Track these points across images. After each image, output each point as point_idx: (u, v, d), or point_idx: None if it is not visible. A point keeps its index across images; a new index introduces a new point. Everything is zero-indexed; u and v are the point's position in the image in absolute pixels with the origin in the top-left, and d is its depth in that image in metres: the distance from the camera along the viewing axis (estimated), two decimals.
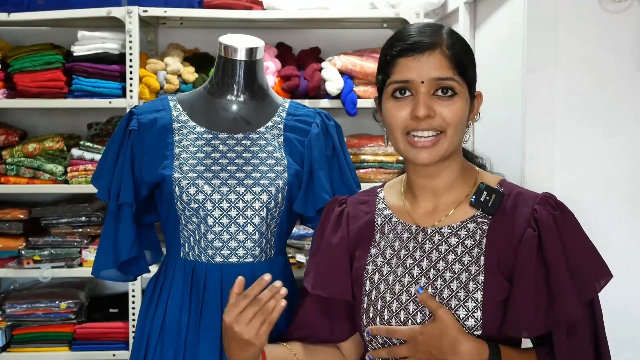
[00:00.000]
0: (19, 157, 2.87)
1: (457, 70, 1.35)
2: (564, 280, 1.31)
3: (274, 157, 1.74)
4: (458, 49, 1.36)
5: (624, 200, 1.90)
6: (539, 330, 1.32)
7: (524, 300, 1.31)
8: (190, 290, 1.71)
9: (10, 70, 2.84)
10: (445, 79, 1.34)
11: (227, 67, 1.78)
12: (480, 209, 1.40)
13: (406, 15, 2.83)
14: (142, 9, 2.79)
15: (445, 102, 1.34)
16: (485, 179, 1.44)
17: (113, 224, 1.75)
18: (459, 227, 1.40)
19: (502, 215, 1.39)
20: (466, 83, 1.37)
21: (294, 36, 3.16)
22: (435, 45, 1.34)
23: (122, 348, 2.90)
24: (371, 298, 1.41)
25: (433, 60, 1.34)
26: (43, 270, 2.86)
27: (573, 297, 1.31)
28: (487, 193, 1.39)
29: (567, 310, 1.30)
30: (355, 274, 1.46)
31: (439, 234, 1.41)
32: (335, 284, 1.46)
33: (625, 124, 1.88)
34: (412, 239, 1.43)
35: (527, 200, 1.39)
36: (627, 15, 1.85)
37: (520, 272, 1.33)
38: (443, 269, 1.37)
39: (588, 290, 1.34)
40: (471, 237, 1.38)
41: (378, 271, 1.43)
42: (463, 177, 1.44)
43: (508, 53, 2.08)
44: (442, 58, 1.34)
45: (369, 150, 2.92)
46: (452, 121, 1.34)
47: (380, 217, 1.49)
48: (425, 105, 1.33)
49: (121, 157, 1.75)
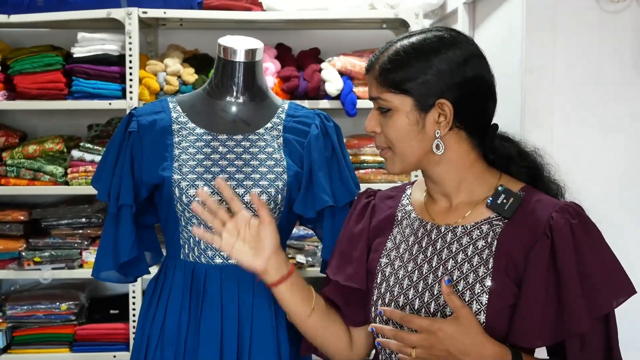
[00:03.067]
0: (19, 158, 2.87)
1: (387, 88, 1.37)
2: (574, 291, 1.27)
3: (274, 159, 1.74)
4: (396, 63, 1.37)
5: (623, 200, 1.90)
6: (546, 341, 1.29)
7: (531, 310, 1.28)
8: (190, 291, 1.71)
9: (10, 72, 2.85)
10: (375, 98, 1.41)
11: (226, 68, 1.79)
12: (496, 211, 1.37)
13: (405, 16, 2.83)
14: (141, 11, 2.79)
15: (384, 119, 1.40)
16: (507, 183, 1.41)
17: (113, 225, 1.75)
18: (472, 227, 1.39)
19: (518, 220, 1.35)
20: (408, 95, 1.36)
21: (293, 37, 3.17)
22: (372, 66, 1.41)
23: (123, 349, 2.90)
24: (381, 291, 1.43)
25: (370, 80, 1.42)
26: (43, 271, 2.86)
27: (582, 309, 1.27)
28: (505, 196, 1.37)
29: (575, 322, 1.27)
30: (369, 266, 1.48)
31: (452, 233, 1.40)
32: (351, 272, 1.49)
33: (624, 124, 1.88)
34: (425, 235, 1.43)
35: (546, 206, 1.35)
36: (625, 15, 1.86)
37: (530, 280, 1.30)
38: (452, 267, 1.36)
39: (602, 305, 1.29)
40: (483, 239, 1.36)
41: (390, 264, 1.44)
42: (482, 180, 1.42)
43: (507, 53, 2.08)
44: (372, 78, 1.41)
45: (369, 150, 2.92)
46: (391, 137, 1.39)
47: (401, 212, 1.51)
48: (370, 121, 1.42)
49: (121, 158, 1.75)
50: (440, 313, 1.35)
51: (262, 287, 1.70)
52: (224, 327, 1.69)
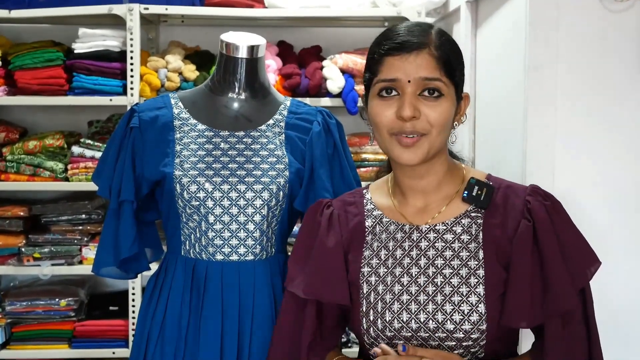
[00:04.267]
0: (19, 154, 2.87)
1: (445, 71, 1.34)
2: (560, 269, 1.33)
3: (275, 155, 1.74)
4: (446, 49, 1.36)
5: (626, 200, 1.90)
6: (537, 320, 1.33)
7: (521, 291, 1.32)
8: (190, 288, 1.71)
9: (11, 68, 2.85)
10: (432, 79, 1.33)
11: (228, 64, 1.78)
12: (473, 203, 1.40)
13: (407, 14, 2.83)
14: (143, 7, 2.79)
15: (431, 103, 1.34)
16: (474, 175, 1.44)
17: (114, 221, 1.75)
18: (453, 223, 1.40)
19: (494, 208, 1.39)
20: (453, 84, 1.36)
21: (295, 34, 3.16)
22: (423, 45, 1.34)
23: (122, 346, 2.90)
24: (370, 301, 1.40)
25: (421, 60, 1.33)
26: (43, 267, 2.86)
27: (568, 286, 1.32)
28: (479, 187, 1.40)
29: (563, 299, 1.32)
30: (350, 278, 1.44)
31: (433, 231, 1.40)
32: (333, 289, 1.43)
33: (627, 124, 1.88)
34: (406, 238, 1.42)
35: (517, 192, 1.40)
36: (629, 14, 1.85)
37: (517, 263, 1.34)
38: (442, 265, 1.37)
39: (580, 279, 1.35)
40: (467, 232, 1.39)
41: (374, 273, 1.42)
42: (451, 175, 1.44)
43: (509, 52, 2.07)
44: (430, 58, 1.33)
45: (370, 149, 2.92)
46: (436, 123, 1.34)
47: (370, 218, 1.48)
48: (411, 106, 1.32)
49: (122, 154, 1.74)
50: (440, 312, 1.35)
51: (262, 284, 1.70)
52: (224, 324, 1.68)
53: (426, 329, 1.35)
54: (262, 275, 1.71)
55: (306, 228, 1.52)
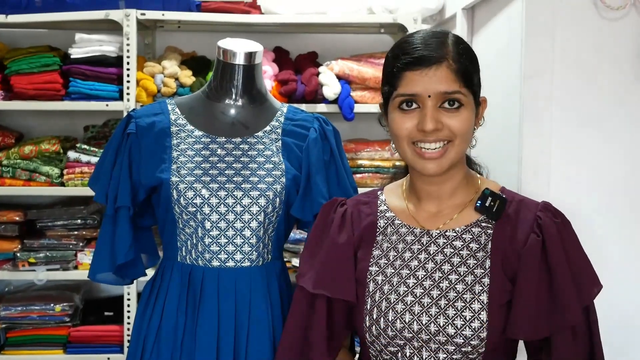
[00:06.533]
0: (15, 159, 2.86)
1: (464, 82, 1.36)
2: (567, 284, 1.35)
3: (272, 162, 1.74)
4: (464, 60, 1.37)
5: (622, 207, 1.90)
6: (542, 333, 1.35)
7: (527, 303, 1.34)
8: (187, 294, 1.70)
9: (7, 72, 2.84)
10: (452, 92, 1.35)
11: (225, 71, 1.78)
12: (485, 214, 1.42)
13: (404, 20, 2.83)
14: (139, 12, 2.79)
15: (452, 113, 1.36)
16: (488, 185, 1.47)
17: (110, 227, 1.74)
18: (463, 230, 1.42)
19: (505, 220, 1.41)
20: (472, 93, 1.39)
21: (291, 40, 3.17)
22: (441, 59, 1.35)
23: (117, 351, 2.89)
24: (374, 299, 1.42)
25: (440, 74, 1.34)
26: (38, 272, 2.85)
27: (574, 301, 1.35)
28: (492, 199, 1.42)
29: (569, 314, 1.34)
30: (357, 276, 1.47)
31: (443, 237, 1.43)
32: (340, 284, 1.46)
33: (623, 131, 1.88)
34: (416, 241, 1.44)
35: (529, 207, 1.43)
36: (625, 22, 1.86)
37: (524, 276, 1.36)
38: (448, 271, 1.40)
39: (585, 296, 1.38)
40: (476, 241, 1.41)
41: (382, 273, 1.44)
42: (466, 183, 1.47)
43: (506, 59, 2.08)
44: (449, 72, 1.35)
45: (366, 155, 2.92)
46: (459, 132, 1.36)
47: (383, 219, 1.50)
48: (433, 119, 1.34)
49: (119, 160, 1.74)
50: (443, 315, 1.36)
51: (259, 291, 1.70)
52: (220, 330, 1.68)
53: (427, 331, 1.37)
54: (259, 281, 1.71)
55: (319, 225, 1.54)
